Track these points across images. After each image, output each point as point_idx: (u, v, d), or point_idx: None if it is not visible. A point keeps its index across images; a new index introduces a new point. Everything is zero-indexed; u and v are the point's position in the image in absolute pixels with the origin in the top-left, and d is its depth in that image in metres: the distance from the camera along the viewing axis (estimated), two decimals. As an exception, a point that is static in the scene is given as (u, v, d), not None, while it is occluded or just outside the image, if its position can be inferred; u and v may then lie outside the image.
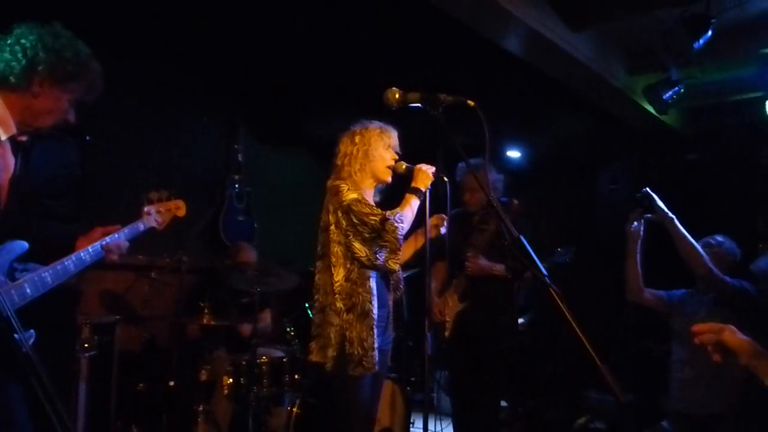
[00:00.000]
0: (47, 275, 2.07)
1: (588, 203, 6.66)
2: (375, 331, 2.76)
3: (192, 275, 4.47)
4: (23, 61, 1.95)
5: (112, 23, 3.94)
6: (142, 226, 2.47)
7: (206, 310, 3.97)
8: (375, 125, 3.00)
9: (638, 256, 3.41)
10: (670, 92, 4.42)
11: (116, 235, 2.35)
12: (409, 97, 2.11)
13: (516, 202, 3.93)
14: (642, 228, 3.37)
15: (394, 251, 2.79)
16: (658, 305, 3.55)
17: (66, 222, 3.82)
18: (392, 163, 2.97)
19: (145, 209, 2.50)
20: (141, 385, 4.05)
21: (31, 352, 1.85)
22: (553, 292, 1.36)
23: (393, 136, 3.02)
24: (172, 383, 3.93)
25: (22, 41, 1.96)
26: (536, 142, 6.69)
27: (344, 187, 2.84)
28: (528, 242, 1.53)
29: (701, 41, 3.64)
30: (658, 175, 5.97)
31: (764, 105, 5.04)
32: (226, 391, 3.86)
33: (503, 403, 6.09)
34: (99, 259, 2.27)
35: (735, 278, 3.26)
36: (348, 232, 2.79)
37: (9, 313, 1.84)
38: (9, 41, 1.97)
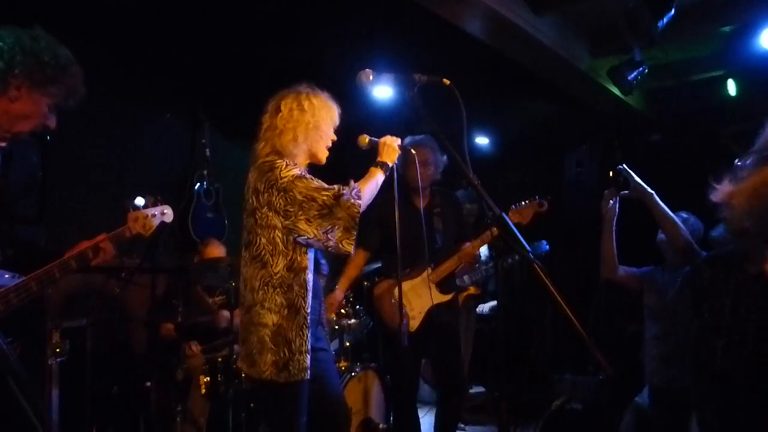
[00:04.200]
0: (32, 284, 2.09)
1: (555, 187, 6.73)
2: (303, 331, 2.41)
3: (163, 274, 4.39)
4: (0, 64, 1.92)
5: (72, 21, 3.84)
6: (128, 232, 2.43)
7: (180, 309, 3.91)
8: (324, 95, 2.62)
9: (613, 234, 3.43)
10: (635, 73, 4.47)
11: None
12: (383, 78, 2.08)
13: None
14: (617, 206, 3.37)
15: (348, 230, 2.41)
16: (631, 282, 3.59)
17: (28, 225, 3.72)
18: (329, 143, 2.64)
19: (131, 215, 2.44)
20: (116, 387, 3.98)
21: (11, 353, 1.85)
22: (537, 268, 1.35)
23: (338, 114, 2.67)
24: (147, 384, 3.87)
25: (0, 44, 1.93)
26: (501, 128, 6.73)
27: (281, 163, 2.44)
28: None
29: (664, 20, 3.68)
30: (622, 156, 6.05)
31: (725, 83, 5.13)
32: (203, 390, 3.80)
33: (481, 389, 6.16)
34: (85, 263, 2.27)
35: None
36: (289, 213, 2.39)
37: None
38: None
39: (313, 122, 2.55)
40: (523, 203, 3.76)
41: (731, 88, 5.14)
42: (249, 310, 2.45)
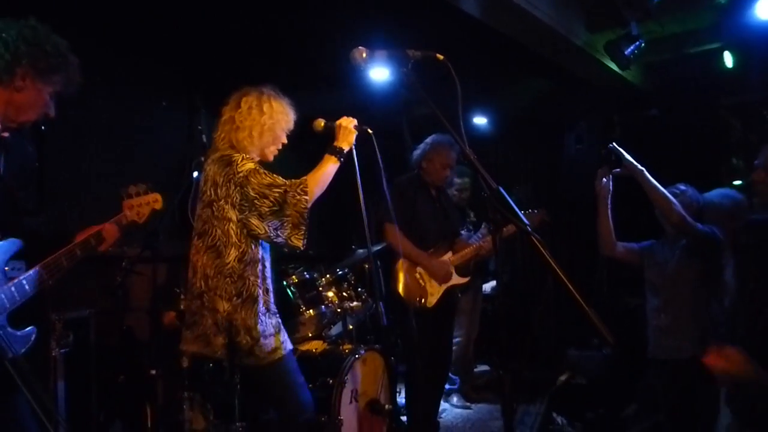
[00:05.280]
0: (43, 272, 2.11)
1: (555, 164, 6.73)
2: (262, 318, 2.59)
3: (164, 262, 4.40)
4: (6, 56, 1.97)
5: (65, 9, 3.81)
6: (124, 220, 2.53)
7: (182, 296, 3.90)
8: (284, 101, 2.75)
9: (609, 211, 3.46)
10: (632, 47, 4.47)
11: None
12: (377, 55, 2.07)
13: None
14: (611, 183, 3.41)
15: (297, 226, 2.55)
16: (631, 257, 3.62)
17: (28, 216, 3.72)
18: (280, 146, 2.78)
19: (126, 203, 2.53)
20: (121, 377, 3.99)
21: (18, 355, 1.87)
22: (535, 240, 1.35)
23: (293, 121, 2.79)
24: (153, 372, 3.88)
25: (3, 35, 1.98)
26: (500, 107, 6.71)
27: (237, 156, 2.58)
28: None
29: (660, -8, 3.65)
30: (621, 132, 6.05)
31: (722, 55, 5.11)
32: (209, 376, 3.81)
33: (486, 367, 6.20)
34: (90, 252, 2.32)
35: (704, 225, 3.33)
36: (243, 207, 2.54)
37: None
38: None
39: (269, 124, 2.68)
40: (529, 211, 4.17)
41: (728, 60, 5.12)
42: (200, 296, 2.60)
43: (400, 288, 3.99)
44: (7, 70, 1.98)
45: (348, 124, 2.65)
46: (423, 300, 3.95)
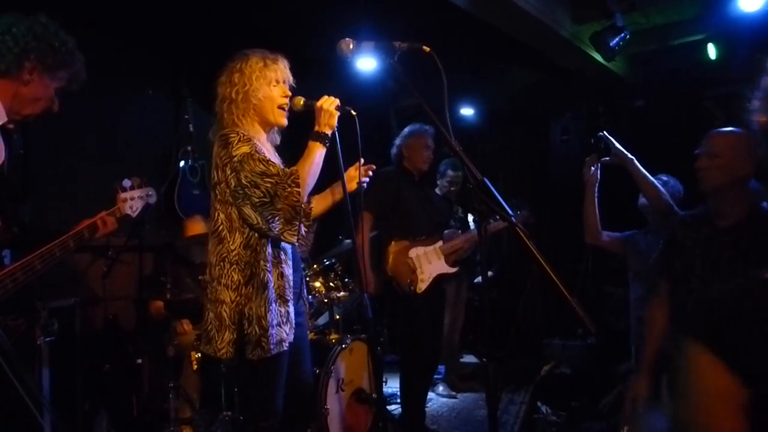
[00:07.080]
0: (36, 261, 2.17)
1: (541, 155, 6.76)
2: (272, 306, 2.37)
3: (150, 252, 4.39)
4: (15, 49, 2.04)
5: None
6: (118, 213, 2.57)
7: (168, 286, 3.90)
8: (257, 56, 2.51)
9: (596, 199, 3.48)
10: (617, 39, 4.50)
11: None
12: (363, 46, 2.07)
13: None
14: (599, 172, 3.42)
15: (289, 221, 2.35)
16: (615, 246, 3.65)
17: (14, 204, 3.70)
18: (284, 101, 2.52)
19: (120, 197, 2.56)
20: (107, 366, 3.99)
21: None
22: (519, 230, 1.37)
23: (281, 68, 2.54)
24: (139, 361, 3.88)
25: (13, 30, 2.04)
26: (487, 98, 6.73)
27: (234, 137, 2.37)
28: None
29: (644, -17, 3.68)
30: (606, 122, 6.07)
31: (706, 47, 5.15)
32: (195, 366, 3.82)
33: (473, 359, 6.24)
34: (83, 243, 2.39)
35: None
36: (237, 194, 2.34)
37: None
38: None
39: (243, 93, 2.47)
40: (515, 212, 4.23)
41: (712, 51, 5.16)
42: (206, 288, 2.46)
43: (391, 271, 3.99)
44: (16, 64, 2.04)
45: (329, 105, 2.43)
46: (413, 285, 3.93)
